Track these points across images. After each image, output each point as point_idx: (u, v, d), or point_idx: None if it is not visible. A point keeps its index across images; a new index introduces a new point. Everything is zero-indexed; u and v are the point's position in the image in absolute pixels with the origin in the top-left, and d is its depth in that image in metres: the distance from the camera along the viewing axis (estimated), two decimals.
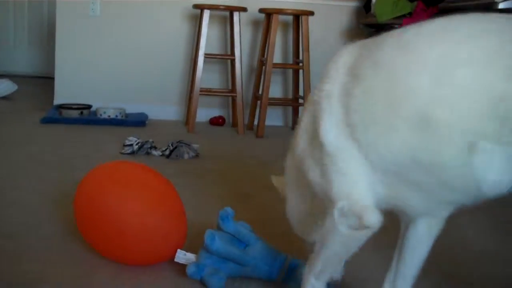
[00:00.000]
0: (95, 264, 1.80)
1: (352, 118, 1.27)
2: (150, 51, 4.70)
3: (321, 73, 1.40)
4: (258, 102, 4.45)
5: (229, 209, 1.75)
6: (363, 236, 1.32)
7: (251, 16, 4.65)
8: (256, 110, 4.55)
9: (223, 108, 4.83)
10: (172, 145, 3.36)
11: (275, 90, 4.74)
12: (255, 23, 4.75)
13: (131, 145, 3.36)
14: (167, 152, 3.33)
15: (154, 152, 3.36)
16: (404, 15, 4.09)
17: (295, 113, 4.67)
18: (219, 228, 1.74)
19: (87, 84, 4.67)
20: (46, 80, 6.13)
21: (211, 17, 4.34)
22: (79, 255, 1.86)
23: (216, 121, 4.67)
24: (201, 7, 4.26)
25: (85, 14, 4.60)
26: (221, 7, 4.33)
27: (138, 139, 3.42)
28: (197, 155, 3.38)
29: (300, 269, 1.62)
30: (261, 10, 4.41)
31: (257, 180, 2.06)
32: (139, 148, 3.34)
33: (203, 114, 4.65)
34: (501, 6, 3.23)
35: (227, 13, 4.55)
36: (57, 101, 4.63)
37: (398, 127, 1.19)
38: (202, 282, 1.68)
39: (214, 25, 4.65)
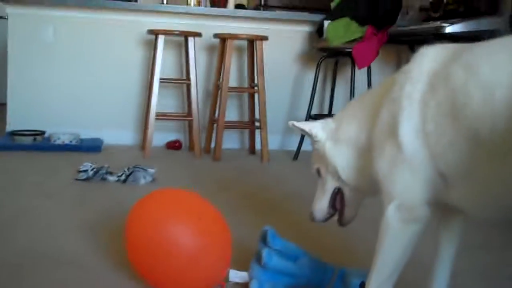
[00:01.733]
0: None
1: (428, 127, 1.37)
2: (104, 76, 4.68)
3: (276, 95, 1.46)
4: (215, 125, 4.47)
5: (270, 228, 1.88)
6: (412, 231, 1.46)
7: (206, 41, 4.69)
8: (212, 134, 4.56)
9: (179, 132, 4.83)
10: (128, 170, 3.34)
11: (231, 113, 4.77)
12: (210, 48, 4.79)
13: (86, 171, 3.32)
14: (123, 178, 3.31)
15: (110, 178, 3.32)
16: (355, 39, 4.19)
17: (252, 136, 4.70)
18: (266, 245, 1.85)
19: (41, 110, 4.60)
20: None
21: (166, 42, 4.35)
22: (35, 284, 1.83)
23: (173, 145, 4.66)
24: (156, 33, 4.28)
25: (38, 38, 4.55)
26: (175, 32, 4.35)
27: (93, 164, 3.38)
28: (153, 180, 3.37)
29: (348, 277, 1.77)
30: (215, 35, 4.46)
31: (216, 203, 2.06)
32: (94, 173, 3.31)
33: (160, 138, 4.64)
34: (447, 30, 3.35)
35: (182, 38, 4.58)
36: (10, 127, 4.54)
37: (460, 139, 1.31)
38: None
39: (169, 49, 4.66)
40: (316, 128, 1.72)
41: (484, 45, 1.35)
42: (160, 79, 4.28)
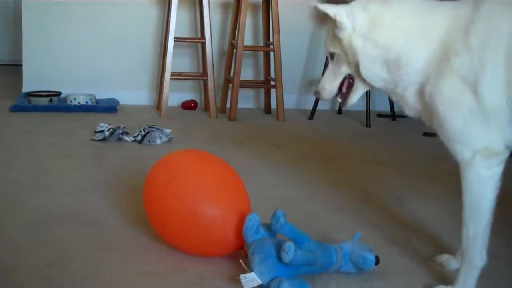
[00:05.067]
0: (70, 252, 1.80)
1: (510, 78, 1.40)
2: (119, 36, 4.64)
3: (292, 54, 1.42)
4: (230, 85, 4.44)
5: (280, 211, 1.67)
6: (493, 175, 1.49)
7: None
8: (228, 93, 4.54)
9: (195, 92, 4.81)
10: (144, 130, 3.35)
11: (246, 72, 4.73)
12: (225, 6, 4.73)
13: (103, 131, 3.33)
14: (139, 138, 3.32)
15: (126, 138, 3.33)
16: None
17: (267, 95, 4.67)
18: (273, 228, 1.67)
19: (56, 71, 4.59)
20: (13, 68, 6.02)
21: (180, 0, 4.30)
22: (53, 243, 1.86)
23: (188, 105, 4.65)
24: None
25: None
26: None
27: (109, 125, 3.39)
28: (169, 140, 3.37)
29: (355, 254, 1.68)
30: None
31: (231, 162, 2.08)
32: (111, 134, 3.32)
33: (175, 98, 4.62)
34: None
35: None
36: (26, 88, 4.55)
37: None
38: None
39: (183, 8, 4.61)
40: (341, 14, 1.62)
41: None
42: (175, 38, 4.25)
